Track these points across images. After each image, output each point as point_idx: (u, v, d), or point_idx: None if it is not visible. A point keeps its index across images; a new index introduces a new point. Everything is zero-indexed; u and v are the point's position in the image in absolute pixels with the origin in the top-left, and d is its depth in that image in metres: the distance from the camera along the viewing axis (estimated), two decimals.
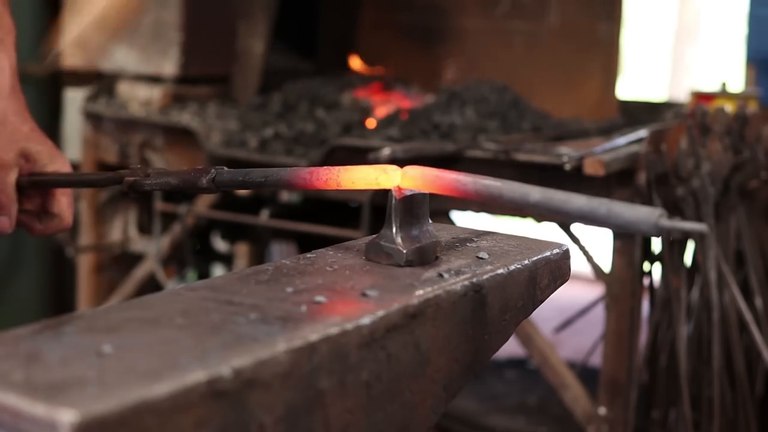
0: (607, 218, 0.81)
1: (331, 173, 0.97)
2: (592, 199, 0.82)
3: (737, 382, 2.27)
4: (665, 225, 0.77)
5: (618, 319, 2.25)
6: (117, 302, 2.47)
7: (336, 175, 0.97)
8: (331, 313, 0.79)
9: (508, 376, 3.42)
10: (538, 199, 0.85)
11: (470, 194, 0.90)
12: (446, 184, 0.91)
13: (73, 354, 0.67)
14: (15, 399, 0.60)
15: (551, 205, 0.84)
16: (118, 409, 0.59)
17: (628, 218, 0.79)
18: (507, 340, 1.01)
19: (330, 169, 0.98)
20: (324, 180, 0.98)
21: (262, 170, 1.05)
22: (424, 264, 0.96)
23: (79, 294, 3.15)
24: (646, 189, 2.20)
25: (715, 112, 2.32)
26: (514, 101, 2.78)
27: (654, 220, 0.78)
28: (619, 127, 2.78)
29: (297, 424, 0.73)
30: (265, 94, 3.06)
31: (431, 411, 0.89)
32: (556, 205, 0.84)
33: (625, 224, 0.80)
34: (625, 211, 0.79)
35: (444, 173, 0.92)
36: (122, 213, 3.11)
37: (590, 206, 0.82)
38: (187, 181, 1.11)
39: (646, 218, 0.78)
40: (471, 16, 3.27)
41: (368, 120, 2.70)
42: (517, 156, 2.25)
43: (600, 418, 2.26)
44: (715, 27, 6.77)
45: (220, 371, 0.66)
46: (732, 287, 2.23)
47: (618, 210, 0.80)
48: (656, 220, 0.78)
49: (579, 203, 0.82)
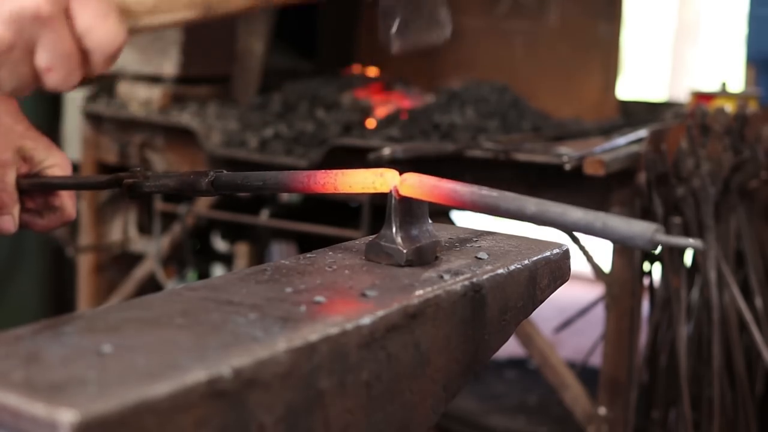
0: (603, 232, 0.81)
1: (328, 177, 0.98)
2: (588, 213, 0.83)
3: (737, 382, 2.27)
4: (661, 240, 0.78)
5: (618, 319, 2.25)
6: (117, 302, 2.47)
7: (333, 179, 0.98)
8: (331, 313, 0.79)
9: (508, 376, 3.42)
10: (534, 212, 0.86)
11: (467, 205, 0.90)
12: (444, 194, 0.92)
13: (73, 354, 0.67)
14: (15, 399, 0.60)
15: (547, 217, 0.85)
16: (118, 409, 0.60)
17: (624, 233, 0.80)
18: (507, 340, 1.01)
19: (327, 173, 0.98)
20: (321, 184, 0.98)
21: (261, 174, 1.05)
22: (424, 264, 0.96)
23: (79, 294, 3.15)
24: (646, 189, 2.20)
25: (715, 112, 2.32)
26: (514, 101, 2.78)
27: (649, 235, 0.78)
28: (619, 127, 2.78)
29: (297, 424, 0.73)
30: (265, 94, 3.05)
31: (431, 411, 0.89)
32: (552, 217, 0.84)
33: (621, 239, 0.81)
34: (621, 225, 0.80)
35: (442, 182, 0.92)
36: (122, 213, 3.11)
37: (586, 220, 0.82)
38: (186, 184, 1.11)
39: (642, 233, 0.79)
40: (471, 16, 3.27)
41: (368, 120, 2.70)
42: (517, 156, 2.24)
43: (600, 418, 2.26)
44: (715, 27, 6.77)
45: (220, 371, 0.66)
46: (732, 287, 2.23)
47: (613, 224, 0.81)
48: (652, 235, 0.78)
49: (575, 216, 0.83)
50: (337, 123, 2.65)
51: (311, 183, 0.99)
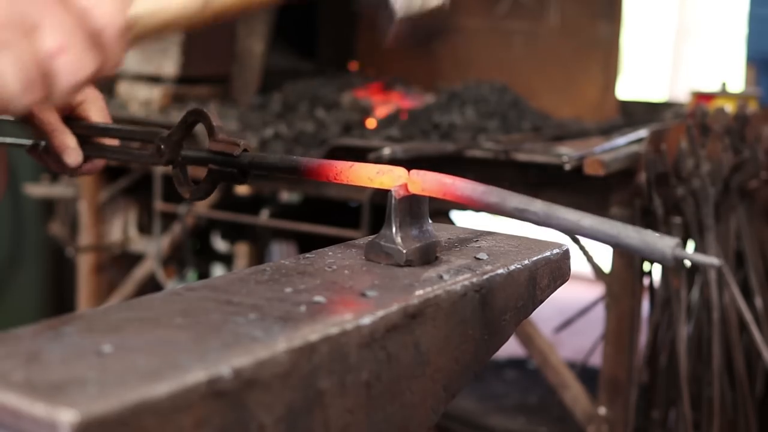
0: (617, 242, 0.78)
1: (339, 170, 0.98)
2: (603, 221, 0.80)
3: (737, 382, 2.27)
4: (682, 255, 0.75)
5: (618, 319, 2.25)
6: (117, 302, 2.47)
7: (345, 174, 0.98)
8: (330, 313, 0.79)
9: (508, 376, 3.42)
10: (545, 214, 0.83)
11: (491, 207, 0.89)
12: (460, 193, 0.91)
13: (73, 354, 0.67)
14: (15, 399, 0.60)
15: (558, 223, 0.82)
16: (118, 409, 0.60)
17: (642, 247, 0.76)
18: (507, 340, 1.01)
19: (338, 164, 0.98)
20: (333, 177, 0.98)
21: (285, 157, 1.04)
22: (424, 264, 0.96)
23: (79, 294, 3.15)
24: (646, 189, 2.20)
25: (715, 112, 2.32)
26: (514, 101, 2.78)
27: (670, 251, 0.75)
28: (619, 127, 2.78)
29: (297, 424, 0.73)
30: (265, 94, 3.05)
31: (431, 411, 0.89)
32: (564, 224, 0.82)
33: (639, 252, 0.77)
34: (637, 238, 0.77)
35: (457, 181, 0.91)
36: (122, 213, 3.11)
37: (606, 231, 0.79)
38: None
39: (662, 249, 0.75)
40: (471, 16, 3.27)
41: (368, 120, 2.70)
42: (517, 156, 2.25)
43: (600, 418, 2.26)
44: (715, 27, 6.77)
45: (220, 371, 0.66)
46: (732, 287, 2.23)
47: (631, 238, 0.77)
48: (672, 251, 0.75)
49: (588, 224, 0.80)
50: (337, 123, 2.65)
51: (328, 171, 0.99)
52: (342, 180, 0.98)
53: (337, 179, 0.98)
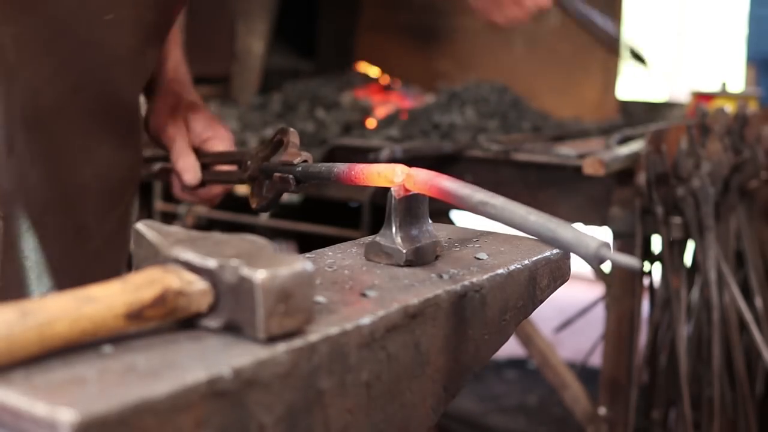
0: (554, 237, 0.81)
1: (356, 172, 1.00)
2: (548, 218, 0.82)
3: (737, 382, 2.27)
4: (604, 255, 0.77)
5: (618, 319, 2.25)
6: None
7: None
8: (330, 313, 0.79)
9: (508, 376, 3.42)
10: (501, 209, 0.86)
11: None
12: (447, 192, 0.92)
13: (73, 354, 0.67)
14: (15, 399, 0.60)
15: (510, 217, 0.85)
16: (118, 409, 0.60)
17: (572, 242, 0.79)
18: (507, 340, 1.01)
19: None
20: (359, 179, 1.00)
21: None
22: (424, 264, 0.96)
23: None
24: (646, 189, 2.20)
25: (715, 112, 2.32)
26: (514, 101, 2.78)
27: (593, 250, 0.77)
28: (619, 127, 2.78)
29: (297, 424, 0.73)
30: (265, 94, 3.05)
31: (431, 411, 0.89)
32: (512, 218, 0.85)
33: (570, 248, 0.80)
34: (572, 235, 0.79)
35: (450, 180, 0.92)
36: None
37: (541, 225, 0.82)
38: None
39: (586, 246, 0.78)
40: (471, 16, 3.26)
41: (368, 120, 2.70)
42: (517, 156, 2.25)
43: (600, 418, 2.26)
44: (715, 27, 6.77)
45: (220, 371, 0.66)
46: (732, 287, 2.23)
47: (566, 234, 0.80)
48: (596, 250, 0.77)
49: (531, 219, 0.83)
50: (337, 123, 2.65)
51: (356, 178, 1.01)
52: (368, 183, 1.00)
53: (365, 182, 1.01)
